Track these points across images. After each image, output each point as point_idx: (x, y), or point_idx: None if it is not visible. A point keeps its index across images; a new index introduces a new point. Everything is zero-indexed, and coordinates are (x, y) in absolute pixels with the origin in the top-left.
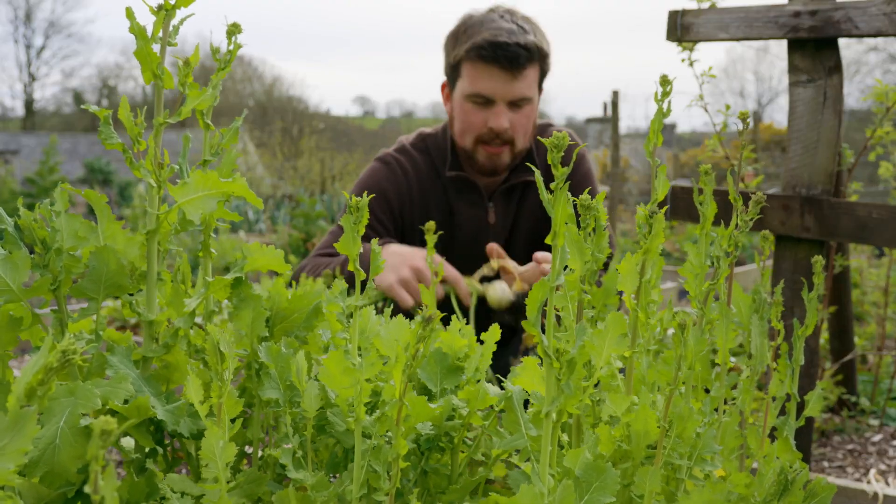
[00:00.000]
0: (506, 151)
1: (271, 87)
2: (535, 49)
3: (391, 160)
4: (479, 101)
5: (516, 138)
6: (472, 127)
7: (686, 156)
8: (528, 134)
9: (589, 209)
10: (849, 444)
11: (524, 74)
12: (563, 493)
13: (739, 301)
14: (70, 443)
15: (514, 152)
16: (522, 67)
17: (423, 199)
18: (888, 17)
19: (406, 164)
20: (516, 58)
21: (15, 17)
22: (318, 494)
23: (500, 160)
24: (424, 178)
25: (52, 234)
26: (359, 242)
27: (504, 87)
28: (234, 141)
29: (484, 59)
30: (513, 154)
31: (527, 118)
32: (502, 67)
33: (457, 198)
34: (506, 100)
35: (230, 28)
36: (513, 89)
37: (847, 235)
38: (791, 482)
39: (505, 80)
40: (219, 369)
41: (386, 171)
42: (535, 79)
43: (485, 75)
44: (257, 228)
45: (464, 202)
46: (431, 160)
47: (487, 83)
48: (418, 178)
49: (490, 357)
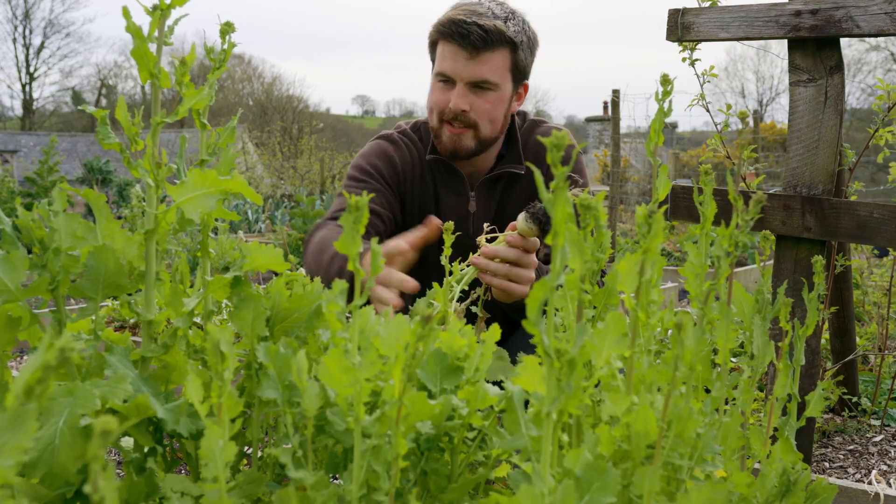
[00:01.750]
0: (468, 135)
1: (271, 87)
2: (494, 31)
3: (397, 139)
4: (443, 79)
5: (480, 124)
6: (436, 105)
7: (686, 156)
8: (496, 122)
9: (589, 209)
10: (850, 445)
11: (484, 57)
12: (563, 494)
13: (741, 301)
14: (69, 443)
15: (479, 137)
16: (479, 49)
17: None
18: (889, 17)
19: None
20: (468, 35)
21: (13, 16)
22: (317, 494)
23: (462, 143)
24: (417, 163)
25: (51, 234)
26: (359, 241)
27: (463, 66)
28: (231, 140)
29: (444, 35)
30: (477, 139)
31: (491, 104)
32: (460, 46)
33: (442, 185)
34: (464, 80)
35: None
36: (471, 70)
37: (848, 235)
38: (793, 483)
39: (463, 59)
40: (219, 369)
41: (393, 147)
42: (501, 66)
43: (448, 55)
44: (256, 228)
45: (447, 189)
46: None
47: (448, 63)
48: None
49: (490, 357)
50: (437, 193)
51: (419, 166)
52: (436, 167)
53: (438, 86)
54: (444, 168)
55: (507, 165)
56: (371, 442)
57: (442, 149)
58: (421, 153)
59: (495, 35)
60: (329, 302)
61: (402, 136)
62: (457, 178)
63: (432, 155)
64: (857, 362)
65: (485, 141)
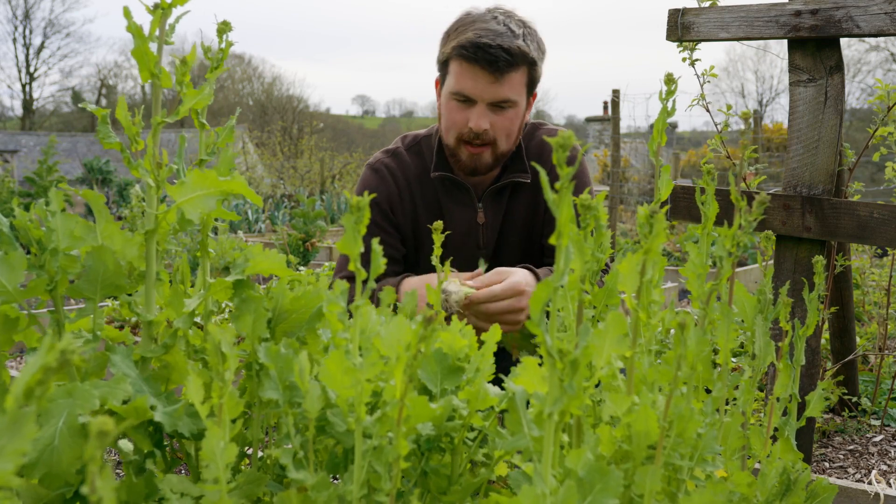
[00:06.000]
0: (487, 152)
1: (271, 87)
2: (518, 54)
3: (380, 167)
4: (461, 99)
5: (498, 140)
6: (455, 125)
7: (687, 156)
8: (511, 136)
9: (589, 209)
10: (850, 445)
11: (507, 78)
12: (565, 495)
13: (742, 301)
14: (69, 444)
15: (497, 154)
16: (503, 71)
17: (413, 202)
18: (889, 17)
19: (395, 169)
20: (496, 61)
21: (13, 16)
22: (318, 495)
23: (482, 160)
24: (415, 181)
25: (48, 234)
26: (360, 242)
27: (485, 88)
28: (230, 139)
29: (466, 58)
30: (495, 155)
31: (510, 121)
32: (483, 69)
33: (447, 199)
34: (486, 101)
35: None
36: (494, 91)
37: (848, 235)
38: (793, 482)
39: (486, 82)
40: (220, 370)
41: (375, 178)
42: (520, 83)
43: (468, 75)
44: (256, 228)
45: (454, 203)
46: (424, 162)
47: (469, 83)
48: (408, 181)
49: (490, 357)
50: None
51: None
52: (440, 182)
53: (455, 105)
54: (449, 182)
55: (513, 175)
56: (372, 443)
57: (460, 167)
58: (421, 170)
59: (519, 58)
60: (330, 303)
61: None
62: (463, 190)
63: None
64: (857, 362)
65: (502, 156)
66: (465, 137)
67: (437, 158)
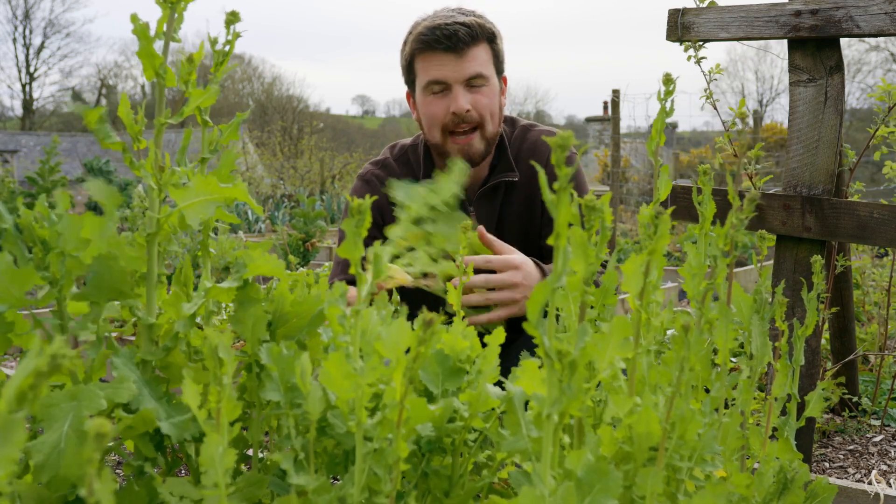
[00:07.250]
0: (476, 138)
1: (271, 87)
2: (475, 26)
3: (371, 177)
4: (436, 88)
5: (484, 121)
6: (436, 117)
7: (687, 156)
8: (495, 116)
9: (595, 210)
10: (850, 445)
11: (471, 53)
12: (564, 495)
13: (740, 301)
14: (75, 446)
15: (486, 137)
16: (466, 44)
17: None
18: (889, 17)
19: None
20: (454, 35)
21: (13, 16)
22: (319, 498)
23: (473, 148)
24: None
25: (55, 237)
26: (361, 247)
27: (454, 67)
28: (234, 137)
29: (427, 45)
30: (484, 139)
31: (489, 98)
32: (447, 49)
33: None
34: (460, 81)
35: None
36: (462, 68)
37: (848, 235)
38: (790, 481)
39: (453, 61)
40: (217, 373)
41: (366, 188)
42: (486, 59)
43: (433, 62)
44: (256, 228)
45: None
46: (412, 170)
47: (437, 68)
48: None
49: (494, 359)
50: None
51: None
52: None
53: (431, 98)
54: None
55: (501, 175)
56: (372, 445)
57: None
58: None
59: (477, 29)
60: (331, 305)
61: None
62: None
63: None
64: (857, 362)
65: (490, 139)
66: (451, 126)
67: (424, 166)
